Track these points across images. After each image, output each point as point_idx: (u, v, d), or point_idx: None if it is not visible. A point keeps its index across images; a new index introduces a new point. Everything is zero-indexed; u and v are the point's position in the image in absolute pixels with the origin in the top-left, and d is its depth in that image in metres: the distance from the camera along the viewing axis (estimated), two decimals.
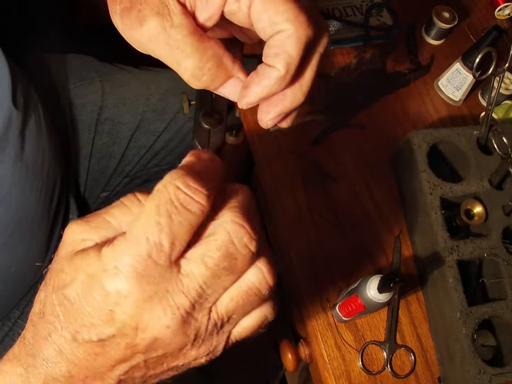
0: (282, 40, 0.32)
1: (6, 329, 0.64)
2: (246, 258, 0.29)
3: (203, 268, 0.28)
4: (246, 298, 0.30)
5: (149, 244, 0.27)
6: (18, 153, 0.55)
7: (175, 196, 0.28)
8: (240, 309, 0.31)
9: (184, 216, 0.28)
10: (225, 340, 0.32)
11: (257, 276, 0.30)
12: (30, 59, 0.73)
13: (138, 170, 0.86)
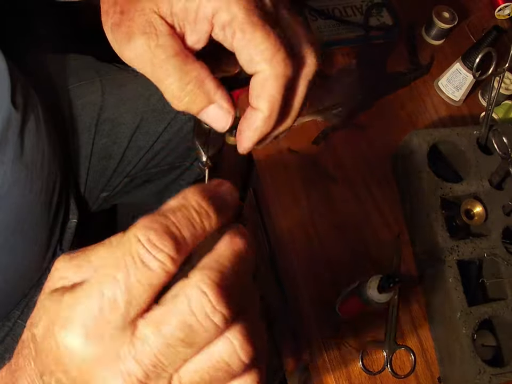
0: (262, 81, 0.32)
1: (6, 329, 0.64)
2: (208, 331, 0.25)
3: (158, 336, 0.25)
4: (213, 373, 0.26)
5: (103, 300, 0.25)
6: (18, 153, 0.55)
7: (136, 249, 0.25)
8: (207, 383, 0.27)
9: (143, 275, 0.24)
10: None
11: (226, 349, 0.26)
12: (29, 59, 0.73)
13: (138, 171, 0.86)
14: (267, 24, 0.31)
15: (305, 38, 0.34)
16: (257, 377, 0.28)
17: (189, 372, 0.26)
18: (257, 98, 0.33)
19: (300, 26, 0.34)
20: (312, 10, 0.87)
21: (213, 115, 0.34)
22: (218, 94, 0.33)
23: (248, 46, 0.32)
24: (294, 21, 0.34)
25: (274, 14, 0.33)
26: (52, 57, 0.79)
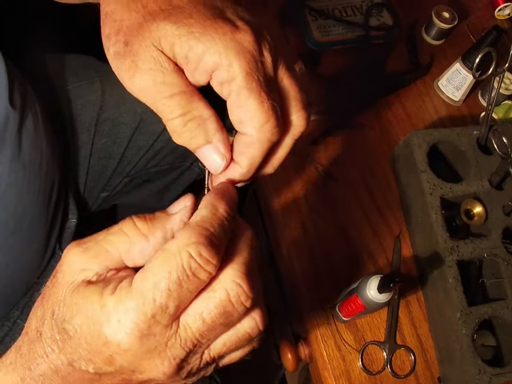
0: (247, 143, 0.34)
1: (5, 329, 0.64)
2: (241, 314, 0.31)
3: (201, 323, 0.30)
4: (238, 343, 0.33)
5: (155, 306, 0.29)
6: (15, 153, 0.54)
7: (188, 264, 0.29)
8: (231, 351, 0.34)
9: (193, 284, 0.29)
10: (214, 368, 0.35)
11: (250, 324, 0.32)
12: (29, 59, 0.73)
13: (138, 170, 0.86)
14: (263, 91, 0.32)
15: (299, 102, 0.35)
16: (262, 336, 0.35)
17: (218, 345, 0.32)
18: (240, 155, 0.35)
19: (295, 89, 0.35)
20: (312, 10, 0.87)
21: (208, 156, 0.35)
22: (217, 136, 0.34)
23: (240, 110, 0.33)
24: (291, 84, 0.35)
25: (274, 77, 0.33)
26: (51, 56, 0.79)
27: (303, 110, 0.35)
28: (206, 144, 0.34)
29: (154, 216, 0.33)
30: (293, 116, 0.35)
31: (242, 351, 0.35)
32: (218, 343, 0.32)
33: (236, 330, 0.32)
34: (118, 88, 0.82)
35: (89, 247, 0.32)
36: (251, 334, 0.33)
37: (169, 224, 0.33)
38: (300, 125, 0.36)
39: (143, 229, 0.32)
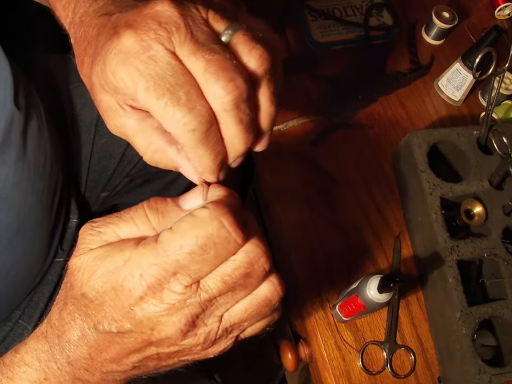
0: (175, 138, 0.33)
1: (7, 329, 0.64)
2: (261, 276, 0.32)
3: (221, 285, 0.31)
4: (259, 309, 0.33)
5: (178, 266, 0.30)
6: (20, 154, 0.55)
7: (218, 232, 0.30)
8: (252, 319, 0.34)
9: (219, 252, 0.30)
10: (234, 341, 0.35)
11: (270, 288, 0.33)
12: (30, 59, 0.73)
13: (138, 170, 0.86)
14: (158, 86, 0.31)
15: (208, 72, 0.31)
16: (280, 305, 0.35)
17: (239, 310, 0.33)
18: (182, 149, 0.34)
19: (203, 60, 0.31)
20: (312, 10, 0.88)
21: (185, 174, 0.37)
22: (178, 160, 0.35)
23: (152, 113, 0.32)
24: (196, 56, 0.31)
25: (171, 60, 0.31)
26: (52, 56, 0.79)
27: (219, 80, 0.31)
28: (178, 168, 0.36)
29: (166, 209, 0.34)
30: (209, 91, 0.31)
31: (264, 322, 0.35)
32: (238, 308, 0.33)
33: (255, 295, 0.33)
34: None
35: (102, 231, 0.33)
36: (271, 299, 0.33)
37: None
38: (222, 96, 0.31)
39: (154, 222, 0.33)
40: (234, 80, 0.31)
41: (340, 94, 0.83)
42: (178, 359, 0.35)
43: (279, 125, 0.78)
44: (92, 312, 0.32)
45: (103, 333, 0.32)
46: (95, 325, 0.32)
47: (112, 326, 0.31)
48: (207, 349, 0.34)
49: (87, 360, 0.34)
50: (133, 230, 0.33)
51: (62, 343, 0.33)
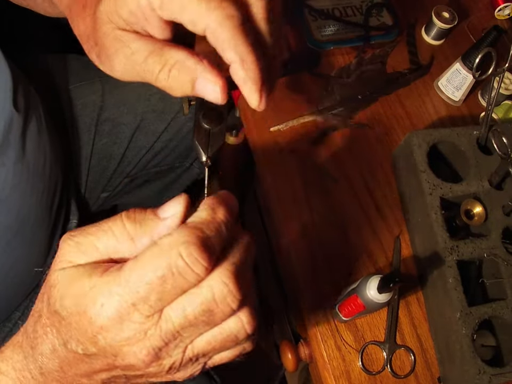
0: (213, 35, 0.33)
1: (6, 330, 0.64)
2: (226, 314, 0.31)
3: (182, 318, 0.30)
4: (223, 344, 0.33)
5: (137, 296, 0.29)
6: (20, 155, 0.55)
7: (175, 263, 0.29)
8: (217, 351, 0.33)
9: (178, 283, 0.29)
10: (202, 367, 0.35)
11: (237, 325, 0.32)
12: (30, 60, 0.73)
13: (138, 171, 0.86)
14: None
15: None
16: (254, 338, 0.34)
17: (202, 342, 0.32)
18: (223, 52, 0.33)
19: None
20: (312, 10, 0.87)
21: (202, 89, 0.35)
22: (199, 68, 0.34)
23: (185, 13, 0.32)
24: None
25: None
26: (52, 57, 0.79)
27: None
28: (195, 81, 0.34)
29: (144, 218, 0.33)
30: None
31: (231, 352, 0.35)
32: (201, 341, 0.32)
33: (220, 329, 0.32)
34: (119, 88, 0.82)
35: (80, 241, 0.32)
36: (237, 335, 0.32)
37: (156, 230, 0.33)
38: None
39: (131, 231, 0.32)
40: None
41: (340, 94, 0.83)
42: (146, 379, 0.35)
43: (279, 125, 0.78)
44: (63, 330, 0.32)
45: (71, 351, 0.32)
46: (64, 343, 0.32)
47: (78, 347, 0.31)
48: (174, 375, 0.34)
49: (59, 372, 0.34)
50: (111, 240, 0.32)
51: (35, 355, 0.33)
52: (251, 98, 0.35)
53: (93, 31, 0.35)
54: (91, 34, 0.36)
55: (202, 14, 0.32)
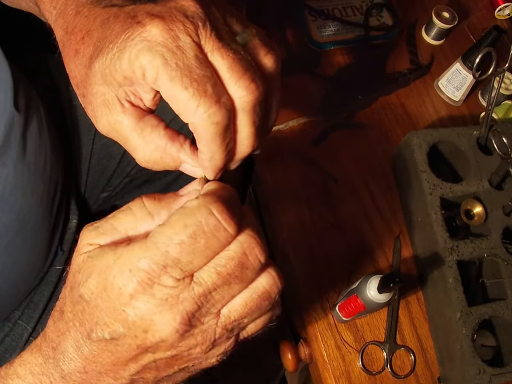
0: (193, 130, 0.33)
1: (6, 329, 0.64)
2: (257, 268, 0.31)
3: (215, 276, 0.30)
4: (258, 303, 0.32)
5: (168, 258, 0.29)
6: (20, 155, 0.55)
7: (206, 220, 0.29)
8: (252, 313, 0.32)
9: (210, 242, 0.29)
10: (235, 340, 0.34)
11: (268, 281, 0.32)
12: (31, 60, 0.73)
13: (138, 171, 0.86)
14: (185, 76, 0.31)
15: (234, 71, 0.32)
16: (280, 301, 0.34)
17: (238, 306, 0.32)
18: (197, 143, 0.34)
19: (228, 59, 0.32)
20: (312, 10, 0.87)
21: (186, 170, 0.36)
22: (182, 155, 0.35)
23: (172, 102, 0.32)
24: (222, 55, 0.32)
25: (201, 54, 0.32)
26: (52, 57, 0.79)
27: (242, 79, 0.32)
28: (179, 164, 0.35)
29: (164, 196, 0.33)
30: (232, 89, 0.32)
31: (265, 317, 0.34)
32: (237, 303, 0.32)
33: (254, 288, 0.32)
34: None
35: (99, 225, 0.33)
36: (270, 292, 0.32)
37: (175, 205, 0.33)
38: (243, 96, 0.32)
39: (150, 207, 0.32)
40: (256, 82, 0.33)
41: (340, 94, 0.83)
42: (178, 367, 0.33)
43: (279, 125, 0.78)
44: (87, 319, 0.31)
45: (97, 341, 0.31)
46: (88, 334, 0.31)
47: (105, 332, 0.30)
48: (207, 352, 0.33)
49: (82, 374, 0.32)
50: (129, 218, 0.32)
51: (56, 355, 0.33)
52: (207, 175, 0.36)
53: (84, 83, 0.35)
54: (81, 85, 0.35)
55: (189, 112, 0.32)
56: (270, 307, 0.33)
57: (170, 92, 0.31)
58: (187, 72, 0.31)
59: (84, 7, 0.36)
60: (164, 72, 0.31)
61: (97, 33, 0.34)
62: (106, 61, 0.32)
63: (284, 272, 0.77)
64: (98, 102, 0.34)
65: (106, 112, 0.34)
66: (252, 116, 0.34)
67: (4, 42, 0.54)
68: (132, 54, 0.31)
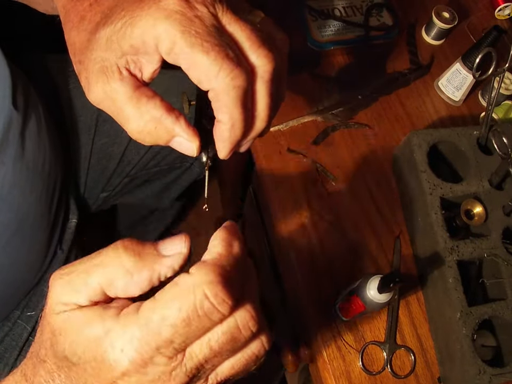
0: (215, 97, 0.32)
1: (6, 329, 0.64)
2: (247, 340, 0.31)
3: (207, 351, 0.30)
4: (246, 365, 0.33)
5: (160, 339, 0.28)
6: (19, 154, 0.55)
7: (201, 304, 0.28)
8: (239, 373, 0.33)
9: (203, 324, 0.29)
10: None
11: (258, 347, 0.32)
12: (30, 59, 0.73)
13: (138, 171, 0.86)
14: (205, 42, 0.31)
15: (254, 42, 0.33)
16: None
17: (226, 369, 0.32)
18: (217, 111, 0.34)
19: (246, 30, 0.33)
20: (312, 10, 0.87)
21: (179, 145, 0.35)
22: (177, 128, 0.34)
23: (193, 70, 0.32)
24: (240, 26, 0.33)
25: (218, 24, 0.32)
26: (52, 56, 0.79)
27: (261, 48, 0.33)
28: (171, 138, 0.35)
29: (144, 251, 0.31)
30: (252, 57, 0.33)
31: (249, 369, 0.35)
32: (225, 367, 0.32)
33: (243, 353, 0.32)
34: None
35: (71, 279, 0.31)
36: (258, 356, 0.33)
37: (158, 266, 0.31)
38: (263, 64, 0.33)
39: (129, 265, 0.30)
40: (273, 52, 0.33)
41: (340, 94, 0.83)
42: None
43: (279, 125, 0.78)
44: (73, 375, 0.30)
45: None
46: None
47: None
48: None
49: None
50: (105, 274, 0.30)
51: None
52: (222, 152, 0.36)
53: (83, 50, 0.34)
54: (79, 51, 0.35)
55: (211, 77, 0.31)
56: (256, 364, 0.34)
57: (191, 58, 0.31)
58: (207, 38, 0.31)
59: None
60: (182, 40, 0.31)
61: (108, 1, 0.34)
62: (115, 27, 0.32)
63: (284, 272, 0.77)
64: (95, 68, 0.33)
65: (103, 78, 0.33)
66: (270, 86, 0.34)
67: (3, 41, 0.54)
68: (147, 22, 0.31)
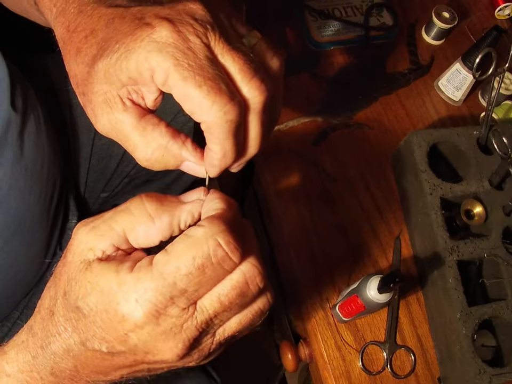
0: (207, 128, 0.33)
1: (5, 329, 0.64)
2: (255, 295, 0.32)
3: (217, 305, 0.31)
4: (252, 321, 0.34)
5: (175, 289, 0.29)
6: (17, 155, 0.55)
7: (214, 252, 0.29)
8: (246, 329, 0.34)
9: (216, 272, 0.30)
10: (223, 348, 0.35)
11: (264, 303, 0.34)
12: (29, 59, 0.73)
13: (138, 171, 0.86)
14: (198, 75, 0.31)
15: (246, 73, 0.33)
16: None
17: (234, 324, 0.33)
18: (208, 141, 0.34)
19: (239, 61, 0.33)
20: (312, 10, 0.87)
21: (189, 169, 0.36)
22: (184, 153, 0.35)
23: (185, 102, 0.32)
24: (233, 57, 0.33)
25: (211, 55, 0.32)
26: (51, 57, 0.79)
27: (253, 80, 0.33)
28: (180, 163, 0.35)
29: (166, 199, 0.33)
30: (244, 90, 0.33)
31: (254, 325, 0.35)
32: (233, 322, 0.33)
33: (250, 309, 0.33)
34: None
35: (96, 225, 0.32)
36: (263, 310, 0.34)
37: (178, 212, 0.33)
38: (255, 96, 0.33)
39: (151, 210, 0.32)
40: (266, 83, 0.33)
41: (340, 94, 0.83)
42: (168, 369, 0.35)
43: (279, 125, 0.78)
44: (81, 328, 0.31)
45: (92, 350, 0.31)
46: (82, 342, 0.31)
47: (102, 346, 0.31)
48: (199, 362, 0.34)
49: (72, 371, 0.33)
50: (128, 218, 0.32)
51: (46, 355, 0.33)
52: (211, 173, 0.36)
53: (84, 82, 0.35)
54: (81, 83, 0.35)
55: (204, 111, 0.31)
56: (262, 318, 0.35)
57: (183, 91, 0.31)
58: (200, 71, 0.31)
59: (86, 5, 0.36)
60: (175, 73, 0.31)
61: (102, 33, 0.34)
62: (111, 60, 0.32)
63: (284, 272, 0.77)
64: (99, 100, 0.34)
65: (107, 110, 0.34)
66: (262, 116, 0.34)
67: (1, 41, 0.54)
68: (140, 55, 0.31)
